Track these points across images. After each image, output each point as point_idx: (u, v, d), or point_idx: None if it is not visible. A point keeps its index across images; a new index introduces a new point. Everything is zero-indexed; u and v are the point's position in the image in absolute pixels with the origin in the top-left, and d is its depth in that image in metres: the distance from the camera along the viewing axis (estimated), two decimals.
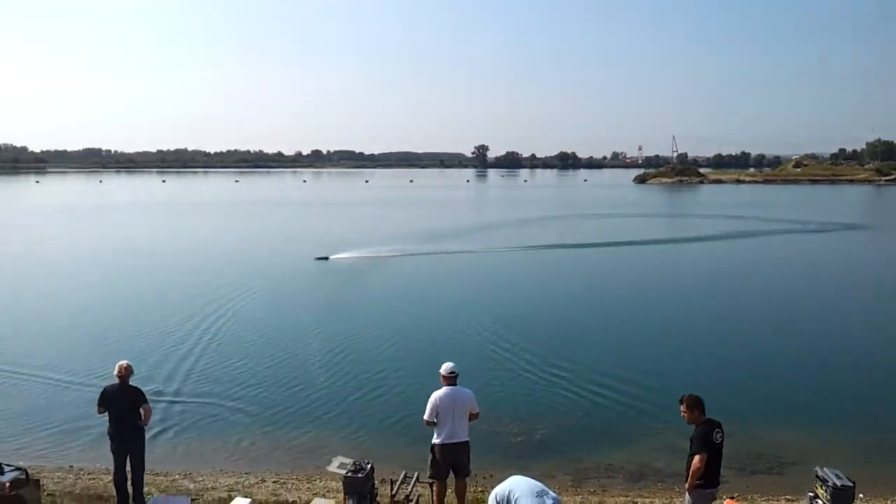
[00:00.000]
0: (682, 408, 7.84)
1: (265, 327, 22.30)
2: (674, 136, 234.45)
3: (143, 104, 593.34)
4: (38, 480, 9.92)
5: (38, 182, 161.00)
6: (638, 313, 24.95)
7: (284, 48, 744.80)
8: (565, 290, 29.58)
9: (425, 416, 9.22)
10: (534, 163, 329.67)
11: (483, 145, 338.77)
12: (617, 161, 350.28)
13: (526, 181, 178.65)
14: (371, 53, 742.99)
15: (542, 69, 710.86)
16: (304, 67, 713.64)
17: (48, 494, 10.19)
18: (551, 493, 6.30)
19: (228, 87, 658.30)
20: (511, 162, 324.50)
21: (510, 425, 14.01)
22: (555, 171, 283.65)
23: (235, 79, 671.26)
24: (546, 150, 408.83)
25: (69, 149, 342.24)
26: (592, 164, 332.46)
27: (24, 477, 9.38)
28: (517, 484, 6.35)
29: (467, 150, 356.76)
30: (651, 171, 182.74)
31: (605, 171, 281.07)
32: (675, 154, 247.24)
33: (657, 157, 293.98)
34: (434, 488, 9.38)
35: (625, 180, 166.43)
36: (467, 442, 9.24)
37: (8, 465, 9.50)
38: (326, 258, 36.35)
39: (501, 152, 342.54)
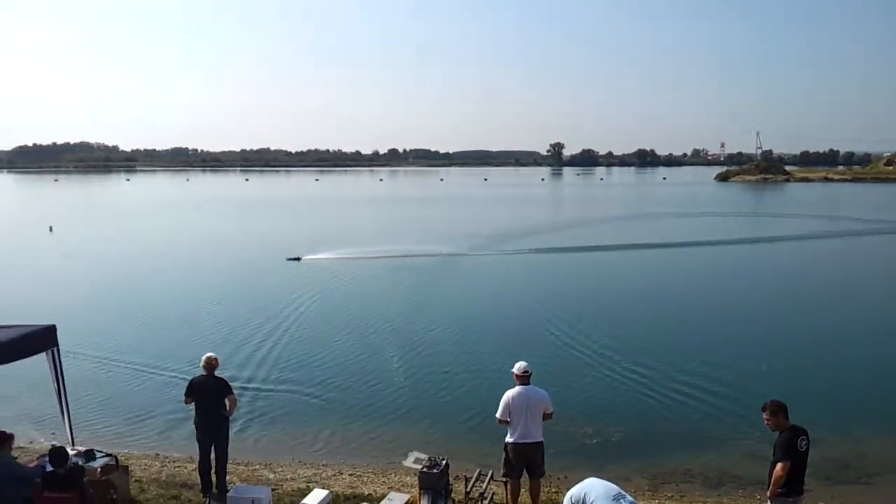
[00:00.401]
0: (766, 414, 7.59)
1: (344, 322, 22.72)
2: (757, 133, 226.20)
3: (228, 106, 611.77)
4: (126, 467, 10.40)
5: (128, 180, 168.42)
6: (720, 314, 24.30)
7: (362, 49, 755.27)
8: (643, 289, 28.98)
9: (497, 415, 9.24)
10: (610, 160, 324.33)
11: (558, 143, 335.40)
12: (698, 158, 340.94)
13: (602, 179, 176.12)
14: (445, 52, 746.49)
15: (620, 64, 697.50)
16: (380, 68, 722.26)
17: (136, 481, 10.63)
18: (628, 496, 6.20)
19: (307, 88, 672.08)
20: (587, 159, 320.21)
21: (585, 426, 13.84)
22: (632, 168, 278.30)
23: (315, 79, 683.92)
24: (624, 148, 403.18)
25: (158, 148, 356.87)
26: (672, 161, 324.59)
27: (114, 463, 9.85)
28: (593, 486, 6.28)
29: (542, 148, 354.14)
30: (734, 168, 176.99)
31: (685, 168, 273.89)
32: (759, 151, 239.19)
33: (740, 154, 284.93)
34: (508, 487, 9.38)
35: (706, 178, 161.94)
36: (541, 442, 9.20)
37: (99, 452, 10.00)
38: (298, 259, 36.38)
39: (577, 150, 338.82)
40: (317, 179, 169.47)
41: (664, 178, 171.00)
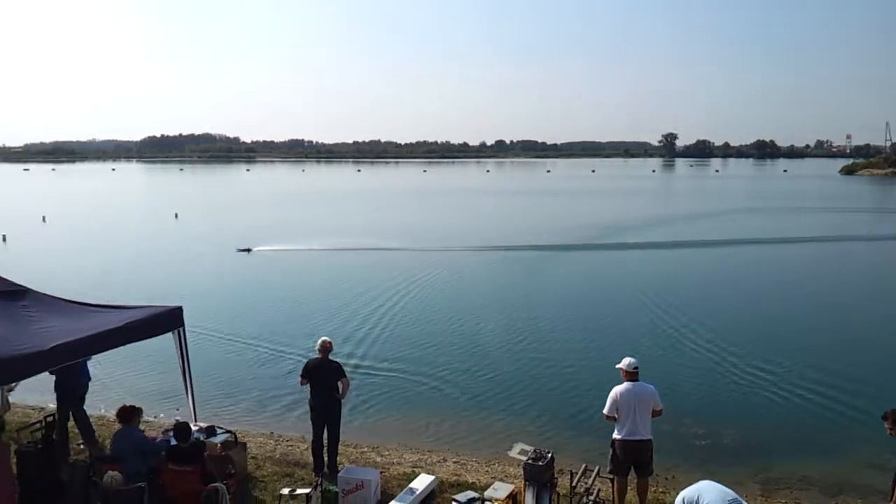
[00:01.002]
0: (887, 423, 7.18)
1: (453, 312, 22.94)
2: (887, 123, 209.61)
3: (341, 98, 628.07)
4: (244, 444, 10.92)
5: (248, 170, 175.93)
6: (843, 314, 22.99)
7: (471, 43, 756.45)
8: (760, 286, 27.74)
9: (605, 411, 9.12)
10: (727, 151, 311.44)
11: (671, 133, 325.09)
12: (821, 150, 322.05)
13: (717, 171, 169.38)
14: (551, 43, 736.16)
15: (739, 48, 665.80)
16: (487, 59, 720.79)
17: (252, 457, 11.11)
18: (743, 502, 6.01)
19: (419, 80, 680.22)
20: (701, 151, 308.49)
21: (696, 426, 13.41)
22: (750, 160, 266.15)
23: (426, 71, 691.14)
24: (741, 138, 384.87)
25: (276, 140, 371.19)
26: (793, 153, 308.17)
27: (233, 440, 10.37)
28: (707, 489, 6.11)
29: (654, 139, 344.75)
30: (860, 161, 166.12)
31: (808, 160, 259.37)
32: (888, 143, 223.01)
33: (868, 146, 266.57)
34: (615, 484, 9.24)
35: (830, 171, 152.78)
36: (650, 440, 9.01)
37: (220, 428, 10.55)
38: (249, 250, 36.55)
39: (691, 140, 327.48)
40: (425, 171, 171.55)
41: (785, 171, 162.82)
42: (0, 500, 7.99)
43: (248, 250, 36.69)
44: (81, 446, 11.20)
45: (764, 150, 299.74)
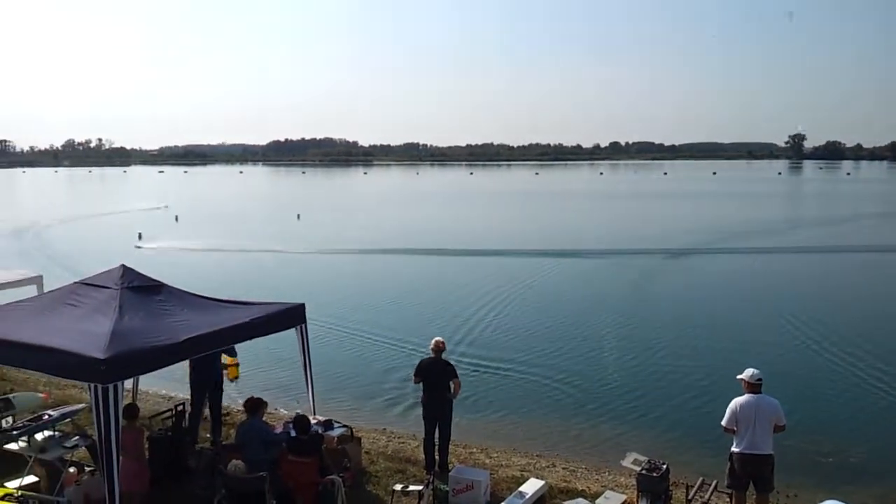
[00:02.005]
0: None
1: (565, 314, 22.86)
2: None
3: (456, 103, 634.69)
4: (359, 438, 11.25)
5: (365, 173, 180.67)
6: None
7: (580, 40, 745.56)
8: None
9: (723, 422, 8.80)
10: (859, 154, 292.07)
11: (799, 134, 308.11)
12: None
13: (849, 174, 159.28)
14: (668, 41, 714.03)
15: (871, 39, 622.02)
16: (598, 57, 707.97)
17: (366, 452, 11.40)
18: None
19: (529, 81, 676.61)
20: (832, 153, 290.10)
21: (822, 442, 12.68)
22: (885, 163, 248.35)
23: (531, 72, 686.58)
24: (876, 140, 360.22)
25: (392, 144, 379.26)
26: None
27: (349, 434, 10.70)
28: None
29: (780, 140, 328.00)
30: None
31: None
32: None
33: None
34: (732, 499, 8.90)
35: None
36: (770, 455, 8.62)
37: (337, 423, 10.90)
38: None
39: (821, 142, 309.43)
40: (536, 173, 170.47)
41: None
42: (134, 481, 8.57)
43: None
44: (209, 435, 11.85)
45: None
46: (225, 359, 12.41)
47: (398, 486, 9.25)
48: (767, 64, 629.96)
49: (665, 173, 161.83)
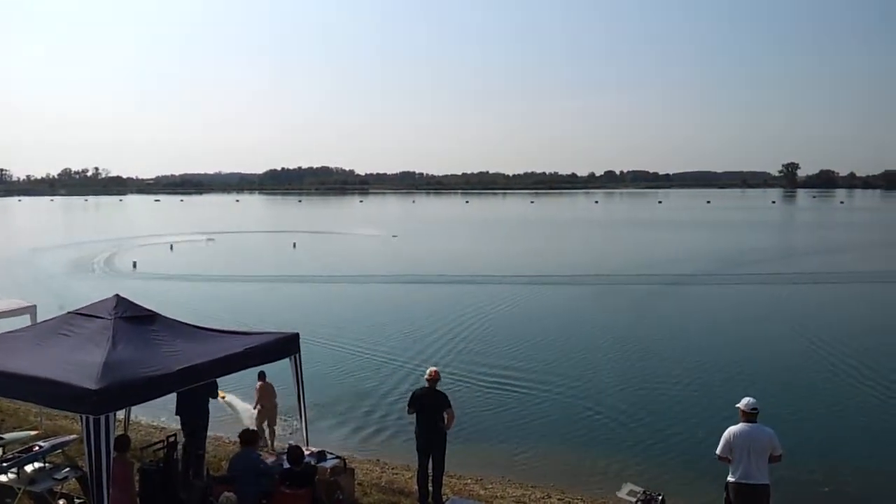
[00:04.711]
0: None
1: (561, 343, 22.82)
2: None
3: (450, 135, 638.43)
4: (353, 470, 11.15)
5: (361, 202, 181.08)
6: None
7: (581, 72, 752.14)
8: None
9: (717, 451, 8.77)
10: (853, 182, 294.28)
11: (792, 163, 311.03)
12: None
13: (842, 203, 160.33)
14: (663, 69, 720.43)
15: (863, 71, 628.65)
16: (593, 89, 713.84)
17: (359, 484, 11.30)
18: None
19: (519, 114, 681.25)
20: (825, 181, 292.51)
21: (816, 472, 12.64)
22: (878, 192, 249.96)
23: (519, 106, 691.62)
24: (869, 169, 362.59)
25: (388, 172, 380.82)
26: None
27: (342, 465, 10.61)
28: None
29: (773, 169, 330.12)
30: None
31: None
32: None
33: None
34: None
35: None
36: (767, 485, 8.56)
37: (330, 454, 10.81)
38: None
39: (814, 171, 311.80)
40: (532, 202, 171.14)
41: None
42: None
43: None
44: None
45: (893, 181, 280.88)
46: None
47: None
48: (760, 93, 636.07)
49: (660, 202, 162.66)
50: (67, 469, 10.03)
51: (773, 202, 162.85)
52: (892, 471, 13.03)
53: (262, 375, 13.21)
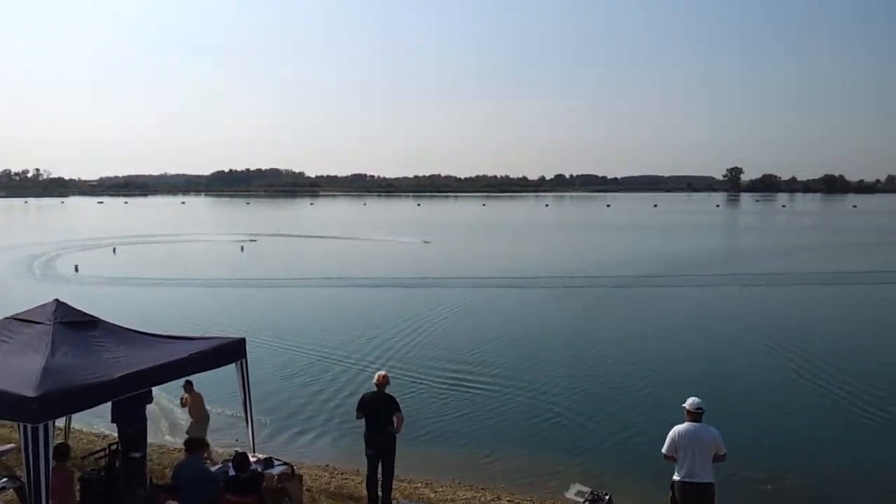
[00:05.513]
0: None
1: (509, 345, 22.92)
2: None
3: (403, 136, 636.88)
4: (300, 476, 11.01)
5: (311, 204, 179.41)
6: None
7: (534, 76, 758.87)
8: (837, 325, 26.84)
9: (663, 450, 8.92)
10: (794, 186, 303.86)
11: (736, 167, 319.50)
12: (893, 185, 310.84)
13: (784, 206, 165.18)
14: (617, 77, 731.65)
15: (805, 80, 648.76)
16: (545, 93, 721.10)
17: (307, 490, 11.18)
18: None
19: (471, 118, 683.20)
20: (767, 185, 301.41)
21: (760, 470, 12.95)
22: (818, 195, 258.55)
23: (481, 109, 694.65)
24: (809, 173, 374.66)
25: (339, 174, 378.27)
26: (863, 188, 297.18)
27: (289, 472, 10.47)
28: None
29: (718, 173, 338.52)
30: None
31: (880, 196, 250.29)
32: None
33: None
34: None
35: None
36: (711, 484, 8.74)
37: (277, 460, 10.67)
38: None
39: (757, 175, 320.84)
40: (483, 204, 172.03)
41: (854, 206, 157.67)
42: None
43: None
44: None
45: (832, 185, 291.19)
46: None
47: None
48: (705, 100, 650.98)
49: (608, 205, 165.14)
50: (5, 479, 9.72)
51: (718, 205, 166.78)
52: (834, 469, 13.41)
53: (188, 385, 12.89)
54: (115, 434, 12.21)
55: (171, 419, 15.66)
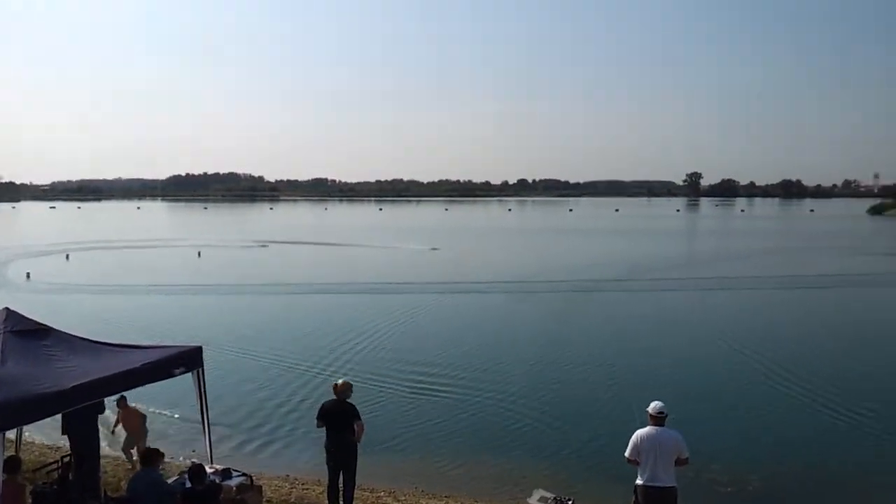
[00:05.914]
0: None
1: (471, 352, 22.79)
2: None
3: (365, 138, 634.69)
4: (260, 487, 10.80)
5: (271, 209, 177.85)
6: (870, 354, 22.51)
7: (499, 80, 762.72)
8: (800, 328, 27.25)
9: (626, 454, 8.96)
10: (752, 191, 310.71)
11: (696, 173, 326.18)
12: (849, 190, 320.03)
13: (743, 211, 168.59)
14: (579, 81, 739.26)
15: (764, 89, 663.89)
16: (508, 97, 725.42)
17: (267, 501, 10.98)
18: None
19: (434, 122, 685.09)
20: (726, 190, 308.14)
21: (722, 474, 13.04)
22: (776, 200, 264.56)
23: (440, 112, 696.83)
24: (767, 178, 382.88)
25: (299, 179, 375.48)
26: (820, 192, 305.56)
27: (248, 483, 10.27)
28: None
29: (678, 178, 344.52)
30: (889, 200, 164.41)
31: (835, 200, 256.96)
32: None
33: None
34: None
35: (858, 211, 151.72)
36: (673, 488, 8.77)
37: (235, 471, 10.46)
38: None
39: (716, 180, 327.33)
40: (446, 209, 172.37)
41: (812, 211, 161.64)
42: None
43: None
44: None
45: (790, 190, 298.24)
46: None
47: None
48: (665, 106, 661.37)
49: (571, 210, 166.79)
50: None
51: (678, 210, 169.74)
52: (797, 470, 13.55)
53: (122, 401, 12.59)
54: (68, 446, 11.87)
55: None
